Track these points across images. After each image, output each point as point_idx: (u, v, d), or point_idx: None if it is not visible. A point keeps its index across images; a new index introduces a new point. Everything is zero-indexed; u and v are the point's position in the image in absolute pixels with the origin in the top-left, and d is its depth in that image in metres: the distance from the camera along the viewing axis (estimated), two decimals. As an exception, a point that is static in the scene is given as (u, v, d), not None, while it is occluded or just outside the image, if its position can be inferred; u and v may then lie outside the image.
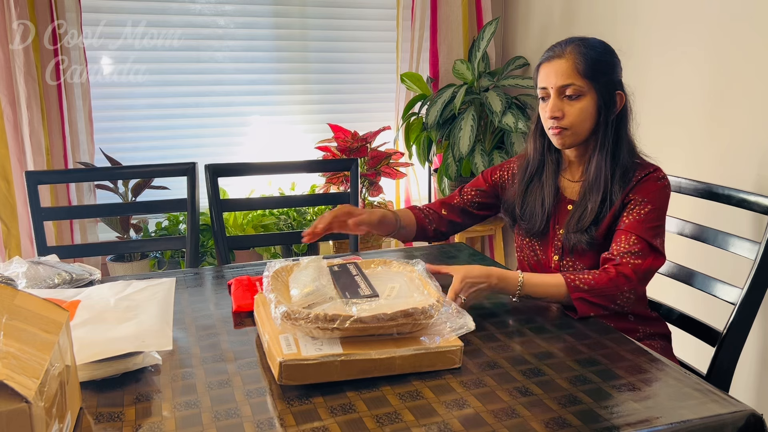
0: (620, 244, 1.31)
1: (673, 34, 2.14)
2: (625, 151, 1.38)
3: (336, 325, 0.99)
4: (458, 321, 1.08)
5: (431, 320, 1.05)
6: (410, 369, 1.03)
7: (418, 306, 1.04)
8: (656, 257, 1.31)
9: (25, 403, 0.69)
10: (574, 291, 1.26)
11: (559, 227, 1.44)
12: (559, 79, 1.34)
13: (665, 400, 0.96)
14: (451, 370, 1.05)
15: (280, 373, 0.97)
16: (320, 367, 0.98)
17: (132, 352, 1.01)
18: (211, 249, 2.78)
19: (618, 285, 1.26)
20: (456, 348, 1.05)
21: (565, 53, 1.35)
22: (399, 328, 1.04)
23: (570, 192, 1.46)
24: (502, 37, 3.14)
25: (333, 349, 1.00)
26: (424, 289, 1.16)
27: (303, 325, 1.01)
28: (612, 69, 1.37)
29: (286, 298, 1.12)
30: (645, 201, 1.33)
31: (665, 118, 2.19)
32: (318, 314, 1.00)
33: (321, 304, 1.08)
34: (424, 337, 1.05)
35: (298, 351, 0.99)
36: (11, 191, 2.44)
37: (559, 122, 1.36)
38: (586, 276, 1.28)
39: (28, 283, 1.35)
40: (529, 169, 1.49)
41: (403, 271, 1.26)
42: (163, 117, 2.82)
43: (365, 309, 1.04)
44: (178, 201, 1.95)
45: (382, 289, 1.17)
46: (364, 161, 2.84)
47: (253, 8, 2.85)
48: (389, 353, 1.01)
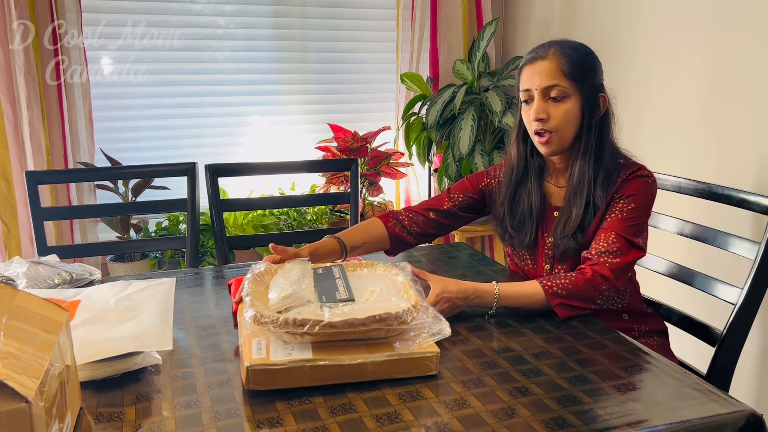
0: (599, 243, 1.30)
1: (674, 35, 2.14)
2: (608, 154, 1.36)
3: (305, 330, 0.96)
4: (435, 327, 1.04)
5: (406, 326, 1.01)
6: (384, 375, 0.99)
7: (392, 311, 1.00)
8: (634, 253, 1.30)
9: (25, 403, 0.69)
10: (553, 297, 1.25)
11: (547, 235, 1.43)
12: (543, 80, 1.31)
13: (665, 400, 0.96)
14: (450, 369, 1.04)
15: (247, 378, 0.95)
16: (288, 373, 0.95)
17: (132, 352, 1.01)
18: (211, 249, 2.77)
19: (596, 285, 1.26)
20: (432, 354, 1.01)
21: (548, 55, 1.32)
22: (372, 334, 1.00)
23: (556, 198, 1.44)
24: (502, 37, 3.14)
25: (303, 354, 0.98)
26: (404, 293, 1.13)
27: (272, 329, 0.98)
28: (595, 71, 1.35)
29: (264, 301, 1.09)
30: (629, 198, 1.32)
31: (665, 118, 2.19)
32: (287, 318, 0.97)
33: (297, 307, 1.05)
34: (399, 342, 1.02)
35: (267, 356, 0.97)
36: (11, 191, 2.44)
37: (544, 125, 1.33)
38: (563, 281, 1.26)
39: (28, 283, 1.35)
40: (514, 175, 1.45)
41: (387, 275, 1.23)
42: (163, 117, 2.82)
43: (338, 313, 1.01)
44: (178, 201, 1.95)
45: (362, 292, 1.14)
46: (364, 161, 2.84)
47: (253, 8, 2.85)
48: (361, 359, 0.98)
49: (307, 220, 2.90)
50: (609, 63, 1.42)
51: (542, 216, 1.44)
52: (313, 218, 2.91)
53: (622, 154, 1.39)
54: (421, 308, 1.06)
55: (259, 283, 1.16)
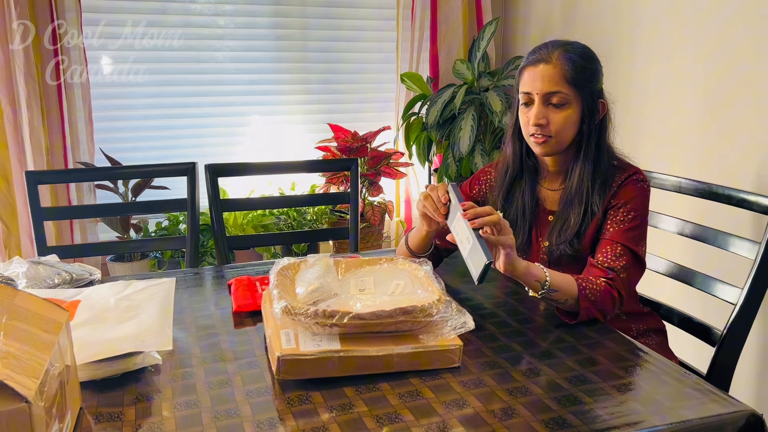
0: (606, 254, 1.29)
1: (674, 35, 2.13)
2: (605, 159, 1.35)
3: (335, 321, 1.00)
4: (458, 320, 1.08)
5: (431, 319, 1.05)
6: (408, 367, 1.03)
7: (418, 304, 1.04)
8: (638, 269, 1.31)
9: (25, 403, 0.69)
10: (584, 300, 1.23)
11: (542, 239, 1.42)
12: (545, 86, 1.29)
13: (665, 400, 0.96)
14: (450, 369, 1.05)
15: (278, 368, 0.98)
16: (318, 363, 0.99)
17: (132, 352, 1.01)
18: (211, 249, 2.78)
19: (614, 305, 1.26)
20: (455, 347, 1.04)
21: (552, 58, 1.30)
22: (398, 326, 1.04)
23: (550, 202, 1.43)
24: (502, 37, 3.14)
25: (331, 345, 1.01)
26: (429, 286, 1.16)
27: (302, 321, 1.01)
28: (596, 77, 1.34)
29: (291, 294, 1.12)
30: (627, 206, 1.31)
31: (665, 117, 2.19)
32: (317, 310, 1.00)
33: (326, 300, 1.08)
34: (424, 335, 1.05)
35: (297, 346, 1.00)
36: (11, 191, 2.44)
37: (543, 130, 1.31)
38: (594, 286, 1.25)
39: (28, 283, 1.35)
40: (509, 174, 1.44)
41: (409, 269, 1.26)
42: (163, 117, 2.82)
43: (366, 305, 1.04)
44: (178, 201, 1.95)
45: (387, 286, 1.17)
46: (364, 161, 2.84)
47: (253, 8, 2.85)
48: (387, 350, 1.01)
49: (307, 220, 2.90)
50: (609, 63, 1.42)
51: (535, 219, 1.44)
52: (313, 218, 2.91)
53: (615, 156, 1.38)
54: (445, 301, 1.08)
55: (285, 277, 1.18)
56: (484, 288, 1.43)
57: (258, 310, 1.29)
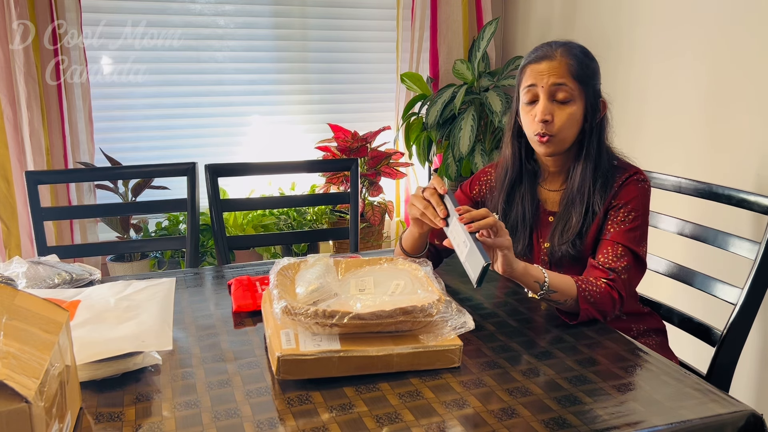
0: (607, 255, 1.29)
1: (674, 35, 2.14)
2: (605, 159, 1.35)
3: (334, 321, 1.00)
4: (458, 320, 1.08)
5: (431, 319, 1.05)
6: (408, 367, 1.03)
7: (418, 304, 1.04)
8: (639, 270, 1.31)
9: (25, 403, 0.69)
10: (584, 302, 1.23)
11: (542, 240, 1.42)
12: (551, 78, 1.28)
13: (665, 400, 0.96)
14: (450, 369, 1.05)
15: (278, 368, 0.98)
16: (318, 363, 0.99)
17: (132, 352, 1.01)
18: (211, 249, 2.78)
19: (614, 306, 1.26)
20: (455, 347, 1.04)
21: (556, 54, 1.30)
22: (398, 326, 1.04)
23: (550, 203, 1.42)
24: (502, 37, 3.14)
25: (331, 345, 1.01)
26: (429, 286, 1.16)
27: (302, 321, 1.02)
28: (597, 75, 1.34)
29: (291, 294, 1.12)
30: (628, 206, 1.31)
31: (665, 117, 2.19)
32: (317, 310, 1.01)
33: (326, 300, 1.09)
34: (424, 335, 1.06)
35: (297, 346, 1.00)
36: (11, 191, 2.44)
37: (547, 127, 1.30)
38: (594, 288, 1.25)
39: (28, 283, 1.35)
40: (509, 177, 1.43)
41: (409, 269, 1.26)
42: (163, 117, 2.82)
43: (366, 305, 1.05)
44: (178, 201, 1.95)
45: (387, 286, 1.17)
46: (364, 161, 2.84)
47: (253, 8, 2.85)
48: (387, 350, 1.01)
49: (307, 220, 2.90)
50: (609, 63, 1.42)
51: (536, 221, 1.43)
52: (313, 218, 2.91)
53: (615, 155, 1.39)
54: (445, 301, 1.08)
55: (285, 277, 1.18)
56: (484, 288, 1.44)
57: (258, 310, 1.29)
